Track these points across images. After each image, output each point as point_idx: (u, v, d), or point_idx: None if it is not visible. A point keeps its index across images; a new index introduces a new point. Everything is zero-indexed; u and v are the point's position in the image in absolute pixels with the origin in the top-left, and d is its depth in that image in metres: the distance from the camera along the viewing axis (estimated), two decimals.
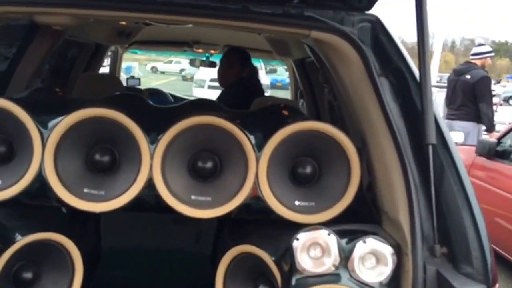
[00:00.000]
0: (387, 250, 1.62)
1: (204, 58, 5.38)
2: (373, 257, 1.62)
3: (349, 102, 1.89)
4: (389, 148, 1.70)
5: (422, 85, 1.64)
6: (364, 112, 1.80)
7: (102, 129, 1.78)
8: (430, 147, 1.61)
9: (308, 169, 1.82)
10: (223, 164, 1.82)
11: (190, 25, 2.24)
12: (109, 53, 5.05)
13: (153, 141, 1.78)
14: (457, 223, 1.60)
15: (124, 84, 5.46)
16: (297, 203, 1.80)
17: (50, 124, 1.76)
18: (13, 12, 1.81)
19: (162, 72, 29.18)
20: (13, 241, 1.74)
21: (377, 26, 1.79)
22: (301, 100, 4.57)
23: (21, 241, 1.76)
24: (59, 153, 1.75)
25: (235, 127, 1.78)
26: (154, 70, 28.65)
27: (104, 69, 5.66)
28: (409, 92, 1.73)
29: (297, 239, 1.62)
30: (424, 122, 1.62)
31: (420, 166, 1.66)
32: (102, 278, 2.18)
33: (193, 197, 1.79)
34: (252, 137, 1.79)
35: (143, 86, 5.70)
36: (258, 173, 1.77)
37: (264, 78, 18.36)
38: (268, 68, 18.09)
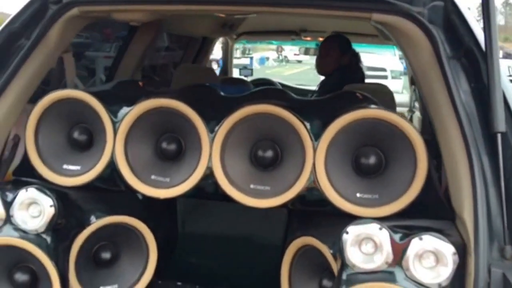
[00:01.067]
0: (447, 248, 1.47)
1: (315, 46, 5.32)
2: (432, 256, 1.48)
3: (419, 87, 1.75)
4: (456, 137, 1.55)
5: (488, 64, 1.46)
6: (431, 98, 1.66)
7: (168, 119, 1.86)
8: (499, 136, 1.44)
9: (372, 160, 1.72)
10: (283, 153, 1.80)
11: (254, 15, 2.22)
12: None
13: (213, 130, 1.80)
14: None
15: (237, 74, 5.60)
16: (358, 195, 1.71)
17: (121, 114, 1.88)
18: (93, 11, 1.93)
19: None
20: (88, 223, 1.88)
21: (449, 5, 1.63)
22: (413, 86, 4.33)
23: (96, 223, 1.89)
24: (129, 141, 1.87)
25: (291, 115, 1.73)
26: (267, 58, 29.35)
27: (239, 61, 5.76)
28: (483, 76, 1.55)
29: (347, 233, 1.54)
30: (491, 107, 1.44)
31: (492, 158, 1.49)
32: (176, 262, 2.26)
33: (252, 186, 1.79)
34: (308, 125, 1.74)
35: (277, 75, 5.73)
36: (316, 163, 1.71)
37: (397, 64, 17.64)
38: (401, 54, 17.29)
